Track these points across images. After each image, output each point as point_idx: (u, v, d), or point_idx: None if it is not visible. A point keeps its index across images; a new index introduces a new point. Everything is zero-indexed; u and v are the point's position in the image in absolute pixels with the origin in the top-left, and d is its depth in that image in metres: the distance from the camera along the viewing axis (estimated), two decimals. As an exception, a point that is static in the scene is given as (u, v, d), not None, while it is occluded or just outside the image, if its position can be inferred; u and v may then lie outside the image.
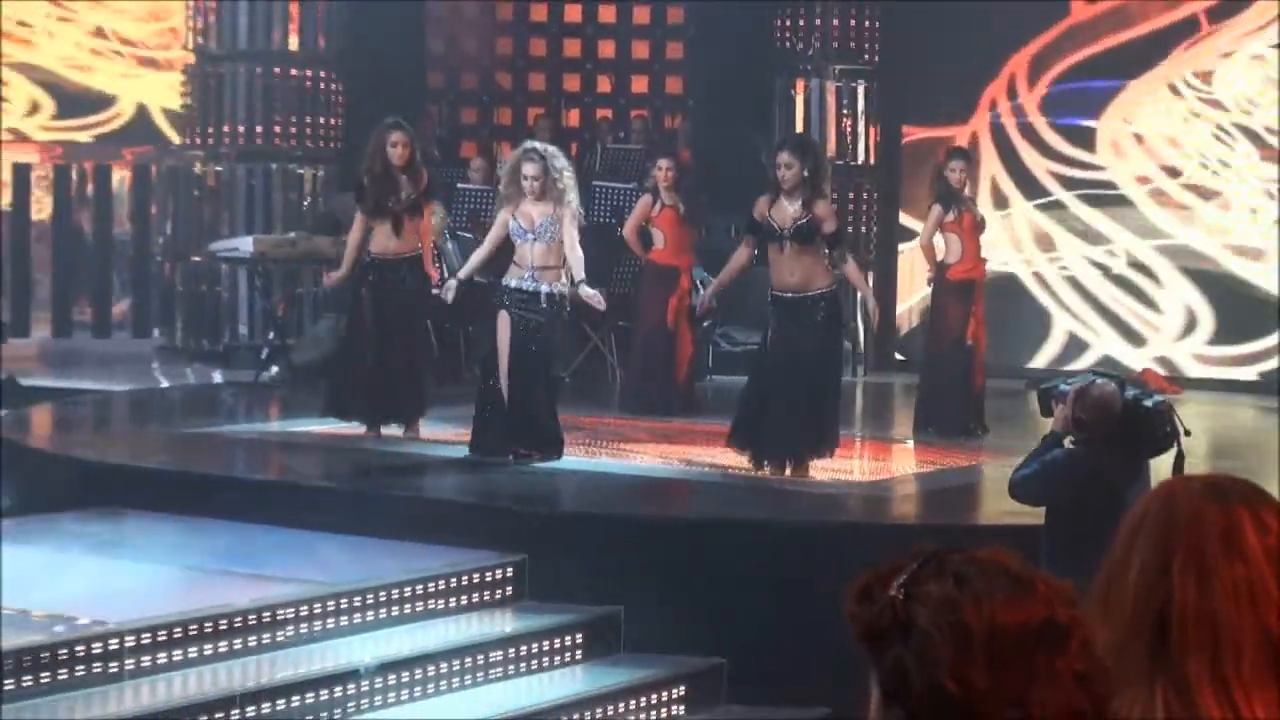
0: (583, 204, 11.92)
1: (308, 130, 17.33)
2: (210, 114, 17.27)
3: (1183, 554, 2.56)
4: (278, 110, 17.21)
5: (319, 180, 17.38)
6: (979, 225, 13.47)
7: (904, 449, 13.32)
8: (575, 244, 11.42)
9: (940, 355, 13.43)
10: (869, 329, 16.95)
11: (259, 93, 17.19)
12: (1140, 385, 8.33)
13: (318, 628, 8.86)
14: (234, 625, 8.55)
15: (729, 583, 9.30)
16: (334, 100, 17.50)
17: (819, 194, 11.48)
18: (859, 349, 17.36)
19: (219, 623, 8.50)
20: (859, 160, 17.45)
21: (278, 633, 8.69)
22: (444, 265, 14.54)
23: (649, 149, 16.85)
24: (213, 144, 17.27)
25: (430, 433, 12.36)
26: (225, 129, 17.21)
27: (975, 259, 13.38)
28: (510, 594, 9.65)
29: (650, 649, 9.41)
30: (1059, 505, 8.03)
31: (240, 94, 17.20)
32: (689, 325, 14.29)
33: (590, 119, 19.45)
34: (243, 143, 17.19)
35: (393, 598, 9.21)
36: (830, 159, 17.28)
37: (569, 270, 11.42)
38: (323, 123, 17.42)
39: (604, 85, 20.03)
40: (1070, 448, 8.01)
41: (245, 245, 16.11)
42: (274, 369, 15.64)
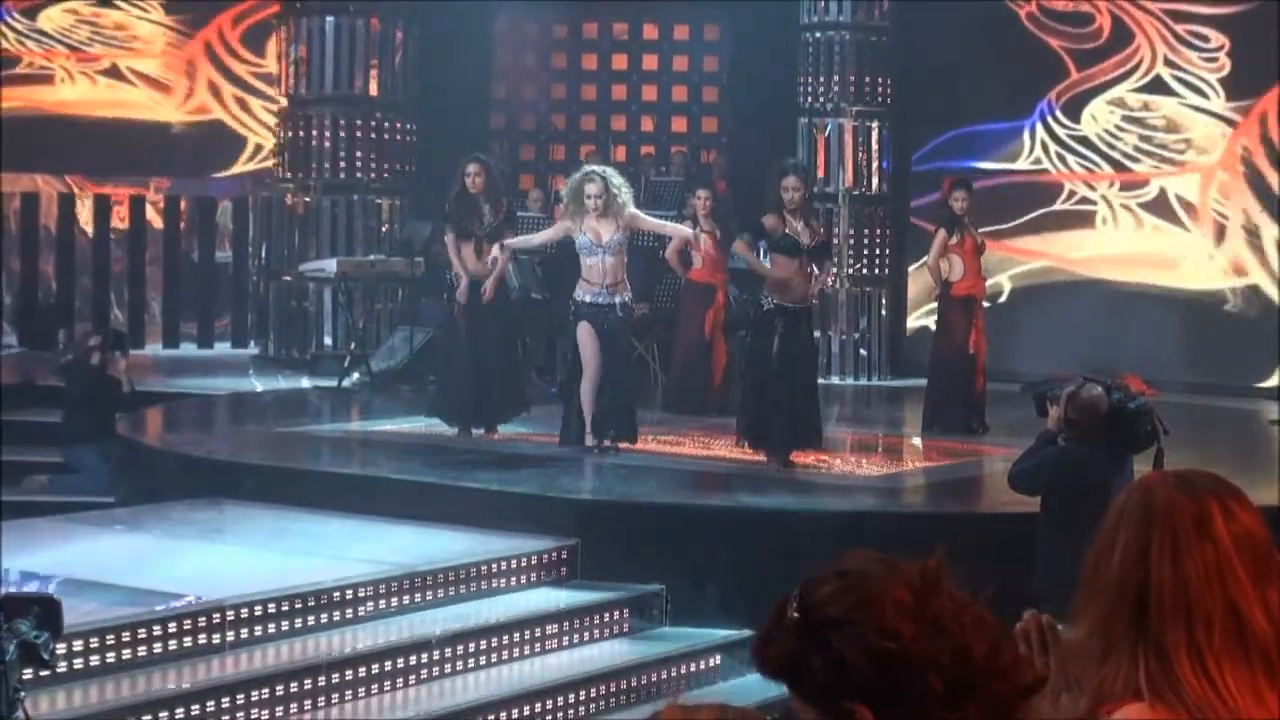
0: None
1: (385, 165, 17.38)
2: (300, 151, 17.33)
3: (1159, 538, 2.57)
4: (359, 147, 17.27)
5: (395, 209, 17.42)
6: (979, 248, 13.44)
7: (913, 445, 13.29)
8: (660, 222, 11.52)
9: (945, 362, 13.39)
10: (882, 338, 17.04)
11: (343, 132, 17.24)
12: (1124, 389, 8.29)
13: (394, 604, 8.88)
14: (320, 601, 8.57)
15: (759, 564, 9.28)
16: (408, 139, 17.54)
17: (814, 213, 11.57)
18: (873, 356, 17.37)
19: (307, 599, 8.53)
20: (872, 190, 17.45)
21: (358, 608, 8.71)
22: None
23: (688, 181, 16.81)
24: (302, 177, 17.34)
25: (500, 432, 12.36)
26: (313, 164, 17.28)
27: (976, 277, 13.34)
28: (564, 574, 9.66)
29: (688, 623, 9.40)
30: (1052, 495, 8.02)
31: (326, 133, 17.25)
32: (724, 336, 14.27)
33: (635, 155, 19.43)
34: (328, 176, 17.25)
35: (459, 577, 9.22)
36: (848, 189, 17.33)
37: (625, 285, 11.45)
38: (398, 159, 17.47)
39: (647, 125, 20.03)
40: (1062, 444, 7.99)
41: (330, 266, 16.13)
42: (355, 375, 15.66)
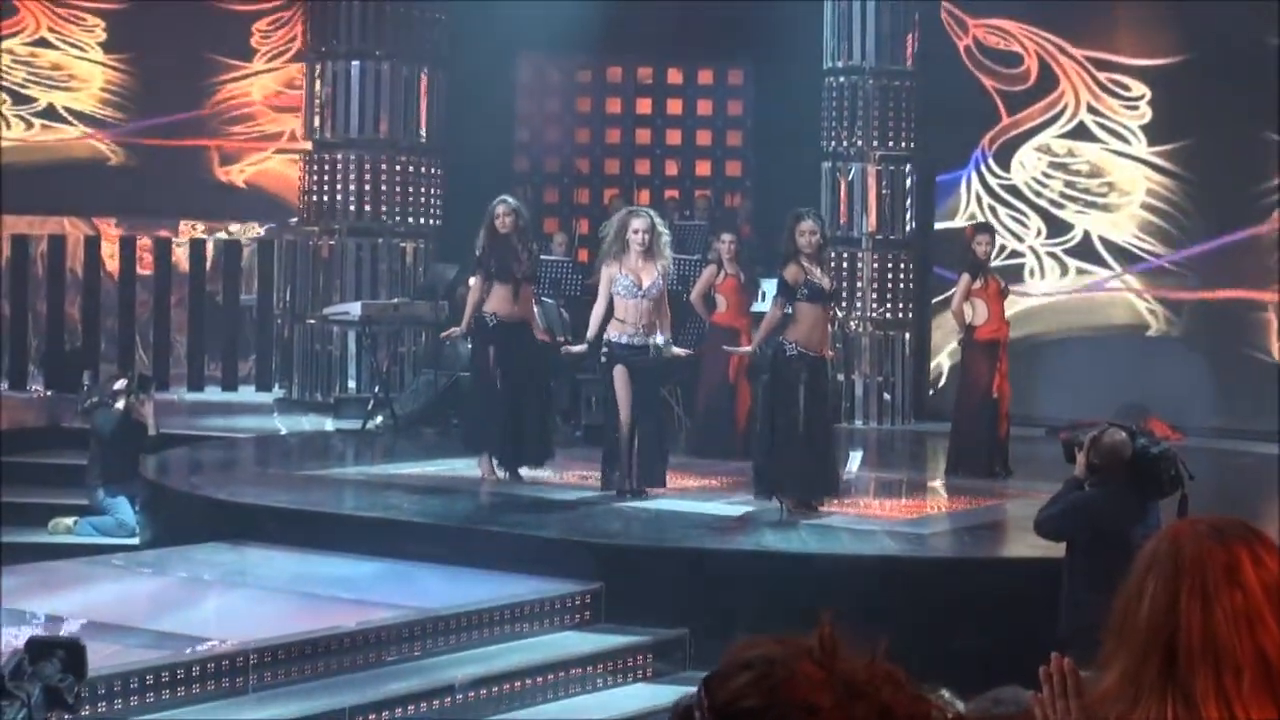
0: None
1: (410, 209, 17.42)
2: (325, 195, 17.40)
3: (1189, 585, 2.56)
4: (383, 191, 17.32)
5: (419, 253, 17.46)
6: (1003, 291, 13.43)
7: (937, 490, 13.26)
8: (666, 303, 11.47)
9: (969, 406, 13.35)
10: (906, 382, 17.06)
11: (367, 176, 17.30)
12: (1149, 434, 8.25)
13: (417, 648, 8.86)
14: (343, 645, 8.56)
15: (783, 609, 9.23)
16: (433, 182, 17.59)
17: (827, 260, 11.56)
18: (897, 399, 17.36)
19: (330, 643, 8.51)
20: (895, 235, 17.47)
21: (382, 652, 8.70)
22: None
23: (712, 225, 16.86)
24: (326, 221, 17.38)
25: (526, 475, 12.34)
26: (337, 208, 17.33)
27: (1000, 321, 13.32)
28: (588, 618, 9.64)
29: (712, 667, 9.34)
30: (1076, 541, 7.98)
31: (350, 177, 17.31)
32: (748, 380, 14.26)
33: (659, 199, 19.47)
34: (353, 219, 17.29)
35: (484, 621, 9.20)
36: (872, 233, 17.35)
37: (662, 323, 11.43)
38: (423, 202, 17.51)
39: (671, 169, 20.08)
40: (1086, 490, 7.96)
41: (354, 309, 16.17)
42: (379, 418, 15.68)
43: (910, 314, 17.53)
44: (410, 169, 17.43)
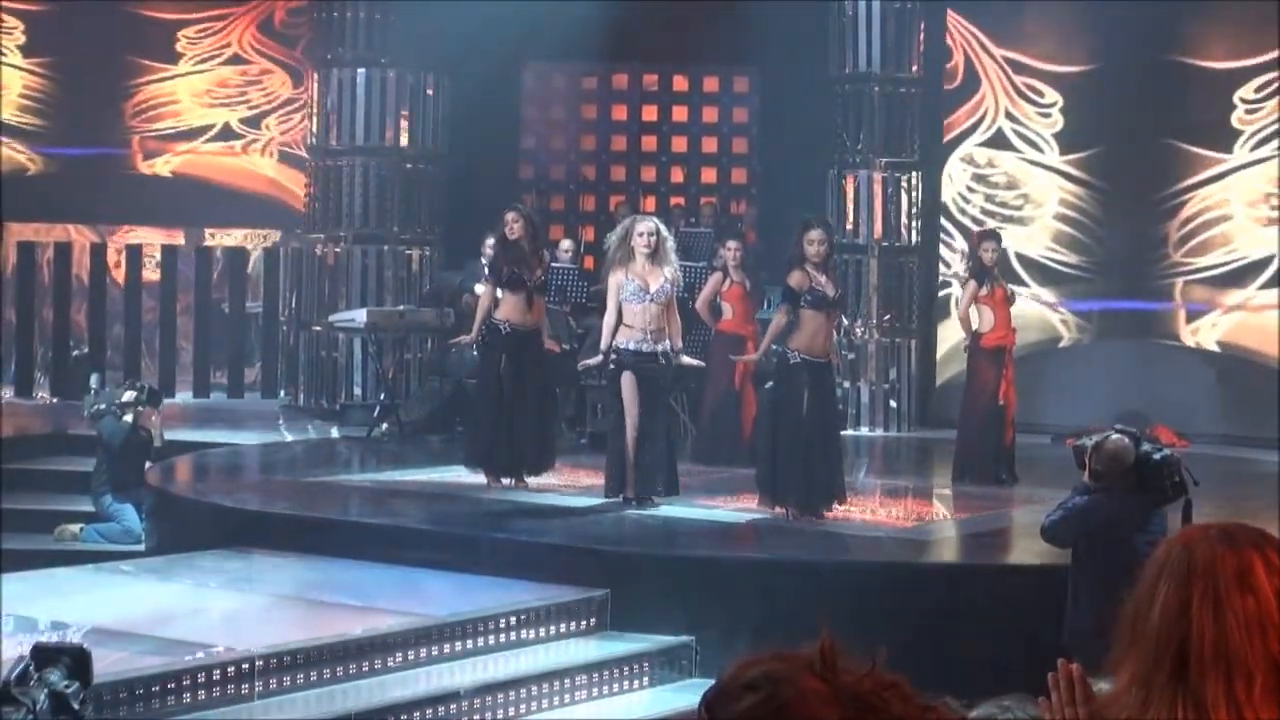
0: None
1: (415, 216, 17.42)
2: (330, 202, 17.40)
3: (1200, 591, 2.55)
4: (389, 198, 17.33)
5: (425, 260, 17.47)
6: (1009, 298, 13.41)
7: (943, 497, 13.24)
8: (676, 310, 11.45)
9: (975, 413, 13.34)
10: (912, 389, 17.07)
11: (373, 183, 17.31)
12: (1153, 440, 8.24)
13: (423, 654, 8.85)
14: (349, 652, 8.55)
15: (789, 616, 9.23)
16: (438, 189, 17.59)
17: (834, 268, 11.60)
18: (903, 407, 17.35)
19: (336, 650, 8.50)
20: (901, 242, 17.46)
21: (387, 659, 8.69)
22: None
23: (717, 232, 16.83)
24: (332, 228, 17.39)
25: (529, 483, 12.33)
26: (343, 215, 17.33)
27: (1006, 328, 13.30)
28: (594, 625, 9.62)
29: (717, 674, 9.32)
30: (1081, 546, 7.98)
31: (356, 184, 17.32)
32: (753, 387, 14.24)
33: (665, 206, 19.46)
34: (358, 227, 17.30)
35: (489, 628, 9.19)
36: (878, 240, 17.34)
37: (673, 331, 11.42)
38: (428, 210, 17.52)
39: (677, 176, 20.07)
40: (1091, 496, 7.95)
41: (360, 317, 16.18)
42: (384, 425, 15.68)
43: (916, 321, 17.52)
44: (416, 176, 17.44)
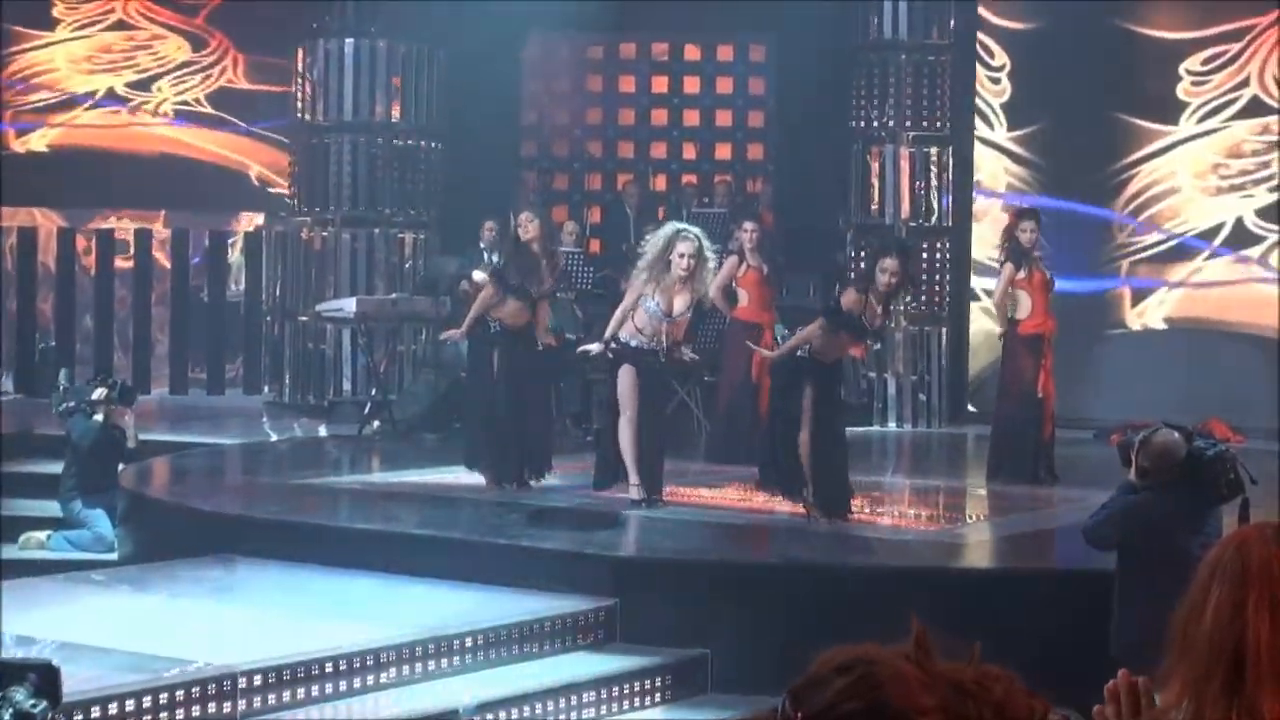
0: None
1: (408, 197, 17.42)
2: (317, 182, 17.40)
3: (1256, 594, 2.54)
4: (380, 178, 17.32)
5: (419, 245, 17.46)
6: (1048, 283, 13.38)
7: (977, 496, 13.23)
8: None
9: (1011, 406, 13.33)
10: (943, 381, 17.04)
11: (363, 162, 17.30)
12: (1206, 435, 8.21)
13: (419, 669, 8.85)
14: (339, 667, 8.54)
15: (810, 626, 9.23)
16: (433, 169, 17.59)
17: (900, 301, 11.75)
18: (932, 400, 17.34)
19: (325, 665, 8.50)
20: (932, 222, 17.44)
21: (381, 674, 8.68)
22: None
23: (732, 212, 16.83)
24: (319, 210, 17.39)
25: (532, 485, 12.33)
26: (331, 196, 17.32)
27: (1045, 314, 13.28)
28: (602, 637, 9.62)
29: (734, 690, 9.34)
30: (1127, 548, 7.95)
31: (345, 163, 17.31)
32: (771, 379, 14.22)
33: (676, 184, 19.47)
34: (347, 209, 17.30)
35: (490, 641, 9.19)
36: (905, 220, 17.32)
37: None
38: (423, 190, 17.51)
39: (689, 152, 20.06)
40: (1137, 495, 7.92)
41: (349, 306, 16.19)
42: (376, 423, 15.69)
43: (947, 308, 17.49)
44: (409, 154, 17.42)
